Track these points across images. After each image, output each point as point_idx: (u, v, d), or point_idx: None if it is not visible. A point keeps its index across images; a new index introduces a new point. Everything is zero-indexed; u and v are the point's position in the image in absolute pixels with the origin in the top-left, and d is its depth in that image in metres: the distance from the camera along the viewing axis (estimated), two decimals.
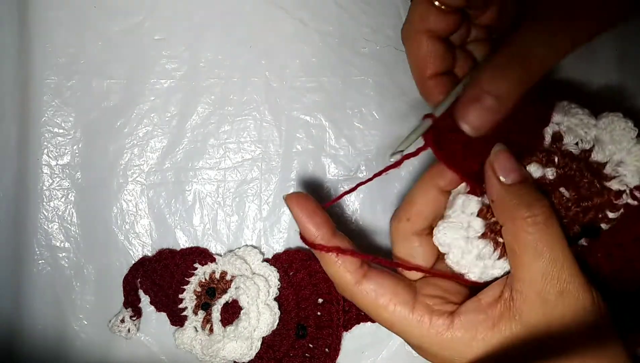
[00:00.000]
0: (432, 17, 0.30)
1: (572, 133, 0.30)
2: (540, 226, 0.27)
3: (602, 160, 0.30)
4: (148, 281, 0.41)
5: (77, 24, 0.42)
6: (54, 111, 0.42)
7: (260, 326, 0.38)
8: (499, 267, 0.30)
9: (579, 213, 0.30)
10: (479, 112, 0.27)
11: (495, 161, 0.29)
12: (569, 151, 0.30)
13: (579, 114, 0.31)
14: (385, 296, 0.30)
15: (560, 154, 0.30)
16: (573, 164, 0.30)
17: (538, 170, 0.30)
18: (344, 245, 0.31)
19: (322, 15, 0.43)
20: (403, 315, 0.30)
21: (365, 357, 0.41)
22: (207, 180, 0.42)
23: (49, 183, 0.42)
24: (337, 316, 0.39)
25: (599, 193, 0.30)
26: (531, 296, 0.27)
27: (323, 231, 0.31)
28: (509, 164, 0.28)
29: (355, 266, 0.31)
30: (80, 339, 0.41)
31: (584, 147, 0.30)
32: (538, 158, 0.30)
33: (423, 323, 0.29)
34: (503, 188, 0.28)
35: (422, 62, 0.32)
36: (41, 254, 0.41)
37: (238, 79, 0.43)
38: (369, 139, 0.43)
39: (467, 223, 0.30)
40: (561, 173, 0.30)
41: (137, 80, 0.42)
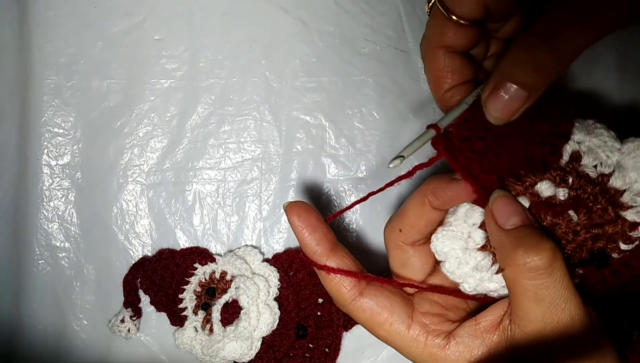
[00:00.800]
0: (449, 32, 0.30)
1: (592, 155, 0.29)
2: (540, 272, 0.25)
3: (620, 187, 0.28)
4: (148, 281, 0.41)
5: (77, 24, 0.42)
6: (54, 111, 0.42)
7: (260, 326, 0.38)
8: (496, 281, 0.29)
9: (588, 239, 0.28)
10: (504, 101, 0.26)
11: (494, 207, 0.27)
12: (585, 173, 0.28)
13: (603, 136, 0.29)
14: (382, 315, 0.30)
15: (575, 175, 0.28)
16: (588, 187, 0.28)
17: (550, 188, 0.28)
18: (342, 261, 0.30)
19: (322, 15, 0.43)
20: (399, 333, 0.30)
21: (365, 357, 0.41)
22: (207, 180, 0.42)
23: (49, 183, 0.42)
24: (337, 317, 0.39)
25: (613, 221, 0.28)
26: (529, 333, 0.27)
27: (322, 247, 0.30)
28: (508, 209, 0.27)
29: (352, 283, 0.30)
30: (80, 339, 0.41)
31: (603, 171, 0.29)
32: (552, 175, 0.28)
33: (419, 343, 0.29)
34: (502, 233, 0.27)
35: (439, 78, 0.31)
36: (41, 254, 0.41)
37: (238, 79, 0.43)
38: (369, 139, 0.43)
39: (468, 233, 0.29)
40: (574, 195, 0.28)
41: (137, 80, 0.42)
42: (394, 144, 0.43)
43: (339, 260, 0.30)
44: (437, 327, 0.29)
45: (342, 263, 0.30)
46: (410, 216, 0.31)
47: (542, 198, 0.28)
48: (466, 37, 0.30)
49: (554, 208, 0.28)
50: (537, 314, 0.26)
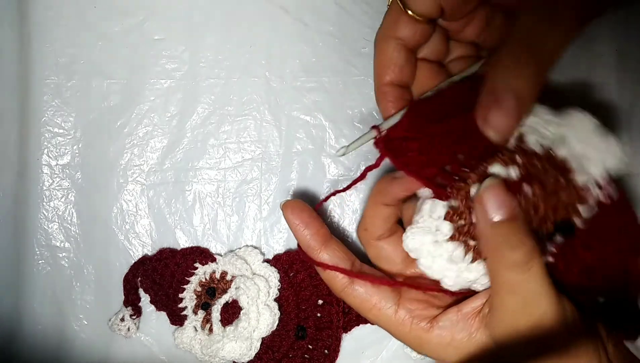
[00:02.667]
0: (402, 25, 0.32)
1: (534, 132, 0.30)
2: (520, 269, 0.27)
3: (565, 155, 0.30)
4: (148, 280, 0.41)
5: (77, 24, 0.42)
6: (54, 111, 0.42)
7: (260, 326, 0.38)
8: (474, 270, 0.30)
9: (549, 211, 0.29)
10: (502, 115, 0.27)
11: (485, 196, 0.28)
12: (532, 150, 0.29)
13: (540, 113, 0.30)
14: (370, 301, 0.32)
15: (523, 153, 0.29)
16: (536, 162, 0.29)
17: (501, 170, 0.29)
18: (334, 253, 0.33)
19: (322, 15, 0.43)
20: (387, 316, 0.32)
21: (365, 357, 0.41)
22: (207, 180, 0.42)
23: (49, 183, 0.42)
24: (337, 318, 0.39)
25: (566, 188, 0.29)
26: (504, 322, 0.28)
27: (315, 241, 0.33)
28: (498, 201, 0.27)
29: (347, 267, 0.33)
30: (80, 339, 0.41)
31: (546, 143, 0.30)
32: (500, 158, 0.29)
33: (405, 326, 0.31)
34: (488, 226, 0.27)
35: (383, 67, 0.33)
36: (41, 254, 0.41)
37: (238, 79, 0.43)
38: None
39: (435, 226, 0.29)
40: (525, 172, 0.29)
41: (137, 80, 0.42)
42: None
43: (331, 252, 0.33)
44: (422, 312, 0.31)
45: (334, 255, 0.33)
46: (368, 216, 0.34)
47: None
48: (418, 32, 0.32)
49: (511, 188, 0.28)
50: (511, 305, 0.28)
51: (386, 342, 0.42)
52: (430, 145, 0.30)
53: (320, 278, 0.39)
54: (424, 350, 0.31)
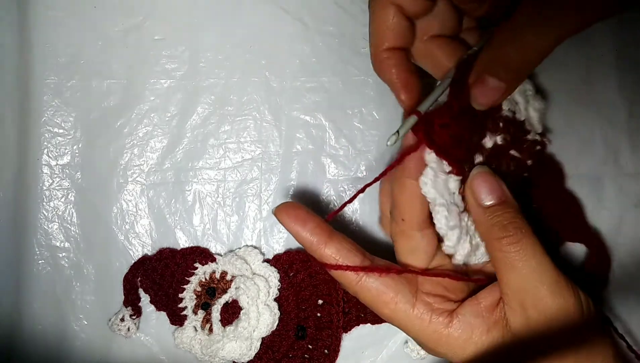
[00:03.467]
0: None
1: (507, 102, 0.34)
2: (514, 246, 0.28)
3: (521, 118, 0.35)
4: (148, 280, 0.41)
5: (77, 24, 0.42)
6: (54, 111, 0.42)
7: (260, 326, 0.38)
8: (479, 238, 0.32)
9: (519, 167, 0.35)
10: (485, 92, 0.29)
11: (473, 185, 0.30)
12: (505, 116, 0.34)
13: None
14: (387, 294, 0.31)
15: (502, 120, 0.34)
16: (511, 128, 0.34)
17: (491, 139, 0.33)
18: (341, 245, 0.31)
19: (322, 15, 0.43)
20: (404, 312, 0.31)
21: (365, 357, 0.41)
22: (207, 180, 0.42)
23: (49, 183, 0.42)
24: (337, 318, 0.39)
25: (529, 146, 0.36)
26: (514, 306, 0.28)
27: (318, 236, 0.31)
28: (487, 187, 0.30)
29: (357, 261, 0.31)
30: (80, 339, 0.41)
31: (512, 109, 0.35)
32: (489, 127, 0.33)
33: (423, 321, 0.30)
34: (480, 210, 0.30)
35: (382, 34, 0.32)
36: (41, 254, 0.41)
37: (238, 79, 0.43)
38: (369, 139, 0.43)
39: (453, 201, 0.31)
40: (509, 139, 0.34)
41: (137, 80, 0.42)
42: (394, 144, 0.42)
43: (337, 245, 0.31)
44: (440, 306, 0.31)
45: (341, 248, 0.31)
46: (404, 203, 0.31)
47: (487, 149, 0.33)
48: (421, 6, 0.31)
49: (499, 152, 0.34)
50: (516, 284, 0.28)
51: (386, 342, 0.42)
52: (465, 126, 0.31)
53: (321, 278, 0.40)
54: (440, 347, 0.30)
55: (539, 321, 0.28)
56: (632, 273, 0.42)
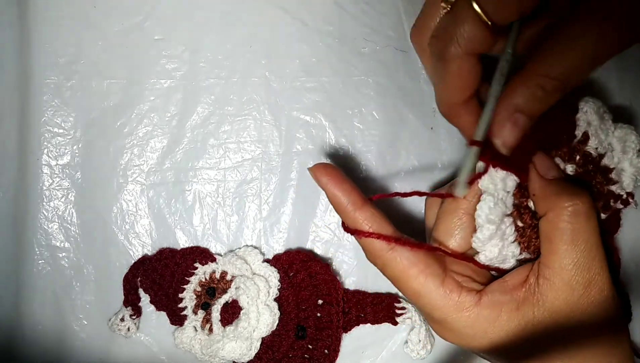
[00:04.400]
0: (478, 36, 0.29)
1: (598, 138, 0.33)
2: (580, 217, 0.28)
3: (610, 165, 0.33)
4: (148, 280, 0.41)
5: (77, 24, 0.42)
6: (54, 111, 0.42)
7: (260, 326, 0.38)
8: (510, 251, 0.31)
9: None
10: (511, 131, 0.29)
11: (537, 161, 0.31)
12: (589, 153, 0.33)
13: (607, 120, 0.34)
14: (418, 266, 0.30)
15: (582, 154, 0.33)
16: (589, 165, 0.33)
17: (560, 164, 0.32)
18: (373, 215, 0.30)
19: (322, 15, 0.43)
20: (433, 287, 0.30)
21: (365, 357, 0.41)
22: (207, 180, 0.42)
23: (49, 183, 0.42)
24: (336, 318, 0.39)
25: (604, 194, 0.33)
26: (558, 284, 0.28)
27: (353, 198, 0.30)
28: (548, 163, 0.30)
29: (389, 232, 0.30)
30: (80, 339, 0.41)
31: (600, 151, 0.33)
32: (562, 153, 0.33)
33: (452, 298, 0.29)
34: (544, 181, 0.30)
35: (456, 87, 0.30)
36: (41, 254, 0.41)
37: (238, 79, 0.43)
38: (369, 139, 0.43)
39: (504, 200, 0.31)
40: (580, 171, 0.33)
41: (137, 80, 0.42)
42: (394, 144, 0.43)
43: (371, 212, 0.30)
44: (469, 285, 0.30)
45: (372, 217, 0.30)
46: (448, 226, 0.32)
47: None
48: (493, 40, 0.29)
49: None
50: (572, 257, 0.28)
51: (386, 342, 0.42)
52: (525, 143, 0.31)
53: (321, 278, 0.40)
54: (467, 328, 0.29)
55: (581, 297, 0.28)
56: (632, 273, 0.42)
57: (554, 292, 0.28)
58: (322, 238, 0.42)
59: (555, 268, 0.28)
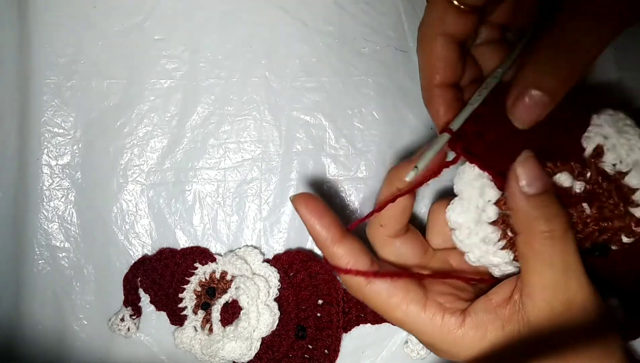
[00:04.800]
0: (450, 18, 0.29)
1: (615, 153, 0.29)
2: (555, 241, 0.27)
3: (634, 186, 0.29)
4: (148, 280, 0.41)
5: (77, 24, 0.42)
6: (54, 111, 0.42)
7: (260, 326, 0.38)
8: (500, 257, 0.30)
9: (596, 232, 0.29)
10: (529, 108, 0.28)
11: (522, 168, 0.28)
12: (603, 170, 0.29)
13: (629, 134, 0.29)
14: (398, 296, 0.30)
15: (595, 171, 0.29)
16: (604, 183, 0.29)
17: (568, 180, 0.29)
18: (353, 246, 0.30)
19: (322, 15, 0.43)
20: (415, 313, 0.30)
21: (365, 357, 0.41)
22: (207, 180, 0.42)
23: (49, 183, 0.42)
24: (336, 318, 0.39)
25: (621, 217, 0.29)
26: (539, 303, 0.28)
27: (332, 233, 0.30)
28: (534, 173, 0.27)
29: (366, 267, 0.30)
30: (80, 339, 0.41)
31: (621, 169, 0.29)
32: (572, 167, 0.29)
33: (435, 322, 0.29)
34: (524, 199, 0.27)
35: (432, 68, 0.31)
36: (41, 254, 0.41)
37: (238, 79, 0.43)
38: (369, 139, 0.43)
39: (482, 207, 0.30)
40: (589, 189, 0.29)
41: (137, 80, 0.42)
42: (394, 144, 0.43)
43: (349, 246, 0.30)
44: (452, 305, 0.30)
45: (352, 249, 0.30)
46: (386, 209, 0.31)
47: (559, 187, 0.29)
48: (466, 24, 0.30)
49: (569, 199, 0.29)
50: (549, 279, 0.27)
51: (386, 342, 0.42)
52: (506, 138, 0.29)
53: (321, 278, 0.40)
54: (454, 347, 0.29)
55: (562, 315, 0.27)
56: None
57: (537, 311, 0.28)
58: None
59: (535, 287, 0.28)
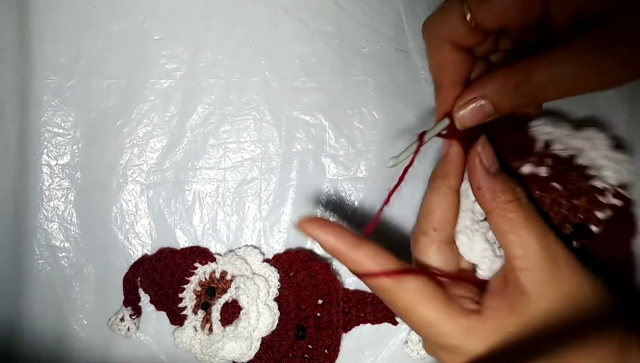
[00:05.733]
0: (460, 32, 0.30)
1: (561, 141, 0.34)
2: (524, 206, 0.29)
3: (586, 164, 0.33)
4: (148, 280, 0.41)
5: (77, 24, 0.42)
6: (54, 111, 0.42)
7: (260, 326, 0.38)
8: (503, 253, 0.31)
9: (570, 209, 0.32)
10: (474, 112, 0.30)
11: (483, 152, 0.31)
12: (557, 155, 0.33)
13: (565, 127, 0.35)
14: (425, 294, 0.30)
15: (551, 157, 0.33)
16: (562, 166, 0.33)
17: (533, 169, 0.33)
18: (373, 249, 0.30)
19: (322, 15, 0.43)
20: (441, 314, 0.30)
21: (365, 357, 0.41)
22: (207, 180, 0.42)
23: (49, 183, 0.42)
24: (336, 318, 0.39)
25: (587, 191, 0.33)
26: (532, 269, 0.28)
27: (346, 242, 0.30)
28: (492, 156, 0.31)
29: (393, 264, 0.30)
30: (80, 339, 0.41)
31: (570, 153, 0.34)
32: (533, 159, 0.33)
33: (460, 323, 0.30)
34: (490, 176, 0.30)
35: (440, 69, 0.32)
36: (41, 254, 0.41)
37: (238, 79, 0.43)
38: (368, 139, 0.43)
39: (472, 207, 0.32)
40: (553, 172, 0.33)
41: (137, 80, 0.42)
42: (394, 144, 0.43)
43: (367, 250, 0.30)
44: (470, 307, 0.30)
45: (372, 252, 0.30)
46: (439, 211, 0.32)
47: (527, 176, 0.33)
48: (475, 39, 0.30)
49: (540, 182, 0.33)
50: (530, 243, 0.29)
51: (386, 342, 0.42)
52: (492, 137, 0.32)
53: (321, 278, 0.40)
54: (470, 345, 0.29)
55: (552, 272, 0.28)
56: None
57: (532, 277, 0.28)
58: None
59: (521, 256, 0.29)
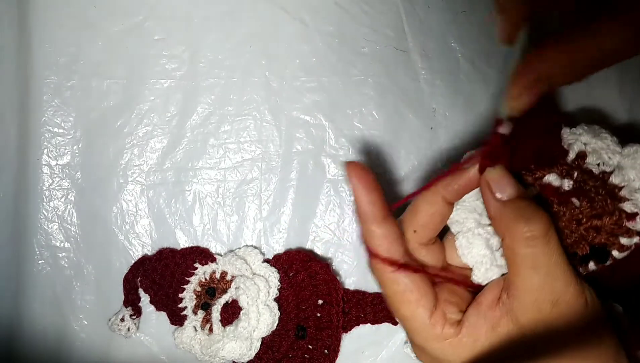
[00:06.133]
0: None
1: (596, 155, 0.32)
2: (538, 241, 0.27)
3: (619, 183, 0.31)
4: (148, 280, 0.41)
5: (77, 24, 0.42)
6: (54, 111, 0.42)
7: (260, 326, 0.38)
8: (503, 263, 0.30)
9: (590, 231, 0.30)
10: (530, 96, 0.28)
11: (490, 179, 0.29)
12: (589, 170, 0.31)
13: (607, 140, 0.32)
14: (414, 294, 0.30)
15: (580, 170, 0.31)
16: (590, 181, 0.31)
17: (556, 180, 0.31)
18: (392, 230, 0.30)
19: (322, 15, 0.43)
20: (421, 317, 0.30)
21: (365, 357, 0.41)
22: (207, 180, 0.42)
23: (49, 183, 0.42)
24: (337, 318, 0.39)
25: (612, 212, 0.30)
26: (526, 303, 0.28)
27: (376, 211, 0.29)
28: (504, 181, 0.29)
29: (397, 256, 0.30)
30: (80, 339, 0.41)
31: (604, 169, 0.31)
32: (558, 169, 0.31)
33: (435, 329, 0.30)
34: (500, 204, 0.28)
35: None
36: (41, 254, 0.41)
37: (238, 79, 0.43)
38: (369, 139, 0.43)
39: (481, 209, 0.31)
40: (577, 186, 0.31)
41: (137, 80, 0.42)
42: (394, 144, 0.43)
43: (388, 229, 0.30)
44: (452, 316, 0.30)
45: (390, 233, 0.30)
46: (424, 215, 0.31)
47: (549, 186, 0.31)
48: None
49: (560, 195, 0.31)
50: (534, 282, 0.27)
51: (386, 342, 0.42)
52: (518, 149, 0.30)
53: (321, 278, 0.40)
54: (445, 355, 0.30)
55: (551, 315, 0.28)
56: None
57: (523, 310, 0.28)
58: (322, 238, 0.42)
59: (521, 288, 0.28)
